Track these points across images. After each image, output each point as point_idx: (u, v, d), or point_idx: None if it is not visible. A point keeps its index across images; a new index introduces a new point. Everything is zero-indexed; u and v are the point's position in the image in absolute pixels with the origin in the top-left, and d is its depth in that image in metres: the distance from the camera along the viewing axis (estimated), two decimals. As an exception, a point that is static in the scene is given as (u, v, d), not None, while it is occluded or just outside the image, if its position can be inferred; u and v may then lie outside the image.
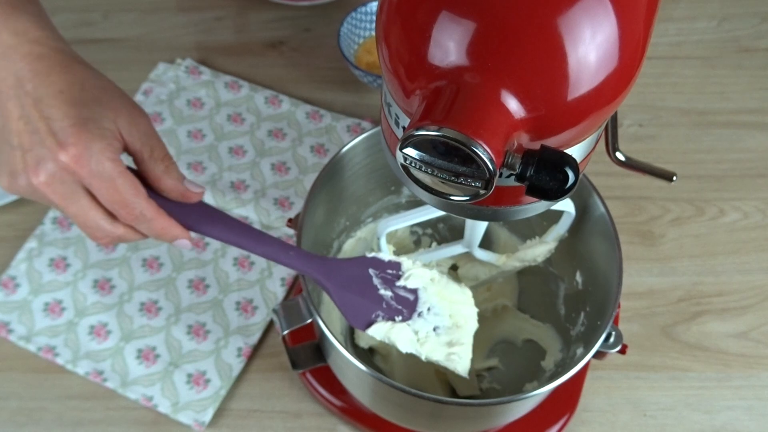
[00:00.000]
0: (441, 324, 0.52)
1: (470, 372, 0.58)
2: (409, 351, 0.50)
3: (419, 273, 0.52)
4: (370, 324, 0.51)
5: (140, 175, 0.44)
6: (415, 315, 0.51)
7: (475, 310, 0.52)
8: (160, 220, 0.44)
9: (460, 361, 0.51)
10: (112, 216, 0.43)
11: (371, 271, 0.52)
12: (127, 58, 0.89)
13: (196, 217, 0.46)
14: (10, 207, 0.76)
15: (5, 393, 0.65)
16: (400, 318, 0.51)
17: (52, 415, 0.64)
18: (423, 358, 0.51)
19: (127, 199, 0.42)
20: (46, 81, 0.42)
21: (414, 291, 0.52)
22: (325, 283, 0.50)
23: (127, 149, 0.43)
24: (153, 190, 0.45)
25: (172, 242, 0.46)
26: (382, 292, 0.51)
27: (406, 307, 0.52)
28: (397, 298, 0.52)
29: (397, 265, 0.52)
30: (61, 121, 0.41)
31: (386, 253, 0.58)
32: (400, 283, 0.52)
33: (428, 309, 0.51)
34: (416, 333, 0.51)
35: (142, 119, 0.43)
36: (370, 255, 0.52)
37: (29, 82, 0.42)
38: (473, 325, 0.52)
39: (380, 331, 0.50)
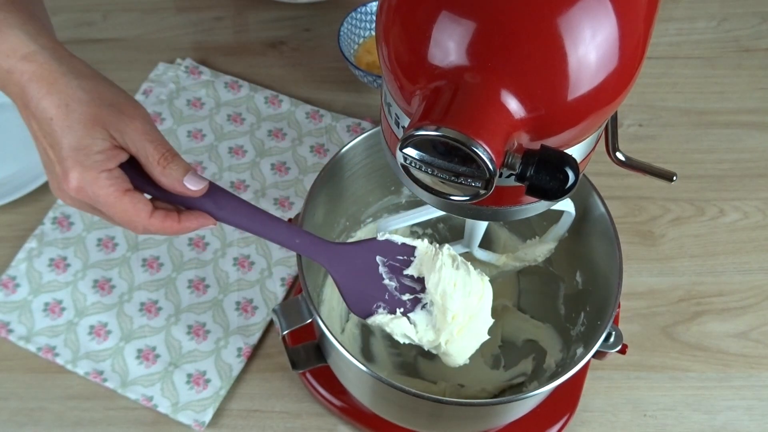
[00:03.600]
0: (438, 315, 0.50)
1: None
2: (405, 341, 0.50)
3: (437, 259, 0.50)
4: (370, 314, 0.50)
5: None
6: (418, 307, 0.50)
7: (490, 304, 0.51)
8: (167, 229, 0.46)
9: (454, 356, 0.51)
10: None
11: (379, 259, 0.51)
12: (127, 58, 0.89)
13: (207, 201, 0.47)
14: (10, 207, 0.76)
15: (5, 393, 0.65)
16: (402, 310, 0.50)
17: (52, 415, 0.64)
18: (423, 345, 0.51)
19: (129, 219, 0.44)
20: (40, 106, 0.42)
21: (421, 281, 0.50)
22: (329, 269, 0.50)
23: (130, 154, 0.44)
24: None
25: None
26: (386, 282, 0.50)
27: (412, 295, 0.51)
28: (401, 288, 0.51)
29: (410, 250, 0.50)
30: (60, 150, 0.42)
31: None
32: (409, 271, 0.50)
33: (431, 303, 0.50)
34: (415, 326, 0.50)
35: (134, 123, 0.44)
36: (382, 238, 0.50)
37: (30, 106, 0.43)
38: (484, 319, 0.51)
39: (379, 322, 0.50)
